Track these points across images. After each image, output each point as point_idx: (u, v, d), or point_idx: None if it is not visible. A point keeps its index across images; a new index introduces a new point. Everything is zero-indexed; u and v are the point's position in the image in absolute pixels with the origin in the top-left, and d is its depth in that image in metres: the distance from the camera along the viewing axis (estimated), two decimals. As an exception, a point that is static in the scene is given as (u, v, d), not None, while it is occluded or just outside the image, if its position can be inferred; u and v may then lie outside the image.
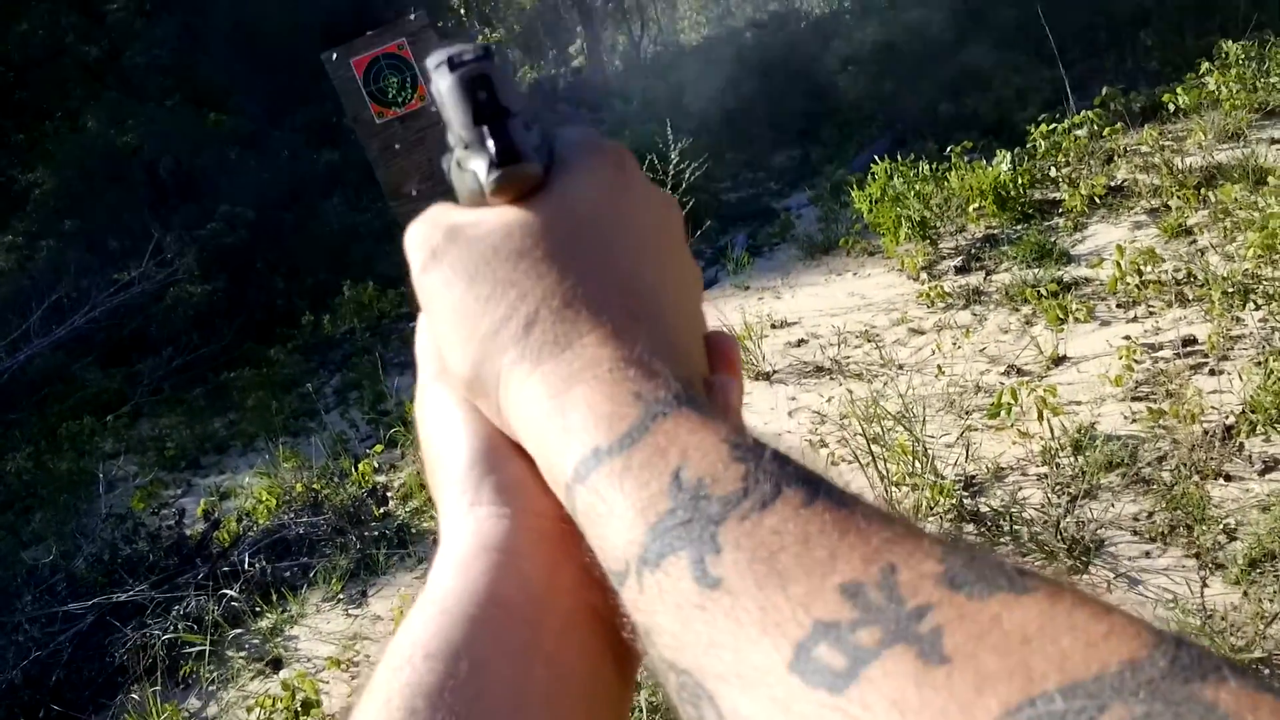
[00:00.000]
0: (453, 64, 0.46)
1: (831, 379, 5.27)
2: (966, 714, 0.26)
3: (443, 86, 0.47)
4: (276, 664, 4.46)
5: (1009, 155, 6.79)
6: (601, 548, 0.38)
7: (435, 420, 0.50)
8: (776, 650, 0.30)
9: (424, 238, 0.48)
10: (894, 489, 4.00)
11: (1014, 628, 0.27)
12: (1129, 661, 0.25)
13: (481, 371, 0.44)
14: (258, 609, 4.82)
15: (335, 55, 7.04)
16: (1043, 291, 5.28)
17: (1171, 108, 7.20)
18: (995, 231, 6.53)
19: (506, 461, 0.47)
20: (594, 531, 0.38)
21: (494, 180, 0.45)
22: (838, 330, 5.78)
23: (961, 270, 6.16)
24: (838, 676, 0.28)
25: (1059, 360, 4.74)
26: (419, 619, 0.43)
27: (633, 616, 0.36)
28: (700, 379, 0.47)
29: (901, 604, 0.29)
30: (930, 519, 3.84)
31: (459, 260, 0.46)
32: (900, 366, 5.15)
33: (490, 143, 0.45)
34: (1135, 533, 3.53)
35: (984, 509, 3.85)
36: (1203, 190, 5.89)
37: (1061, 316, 4.99)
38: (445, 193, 0.51)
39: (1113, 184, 6.53)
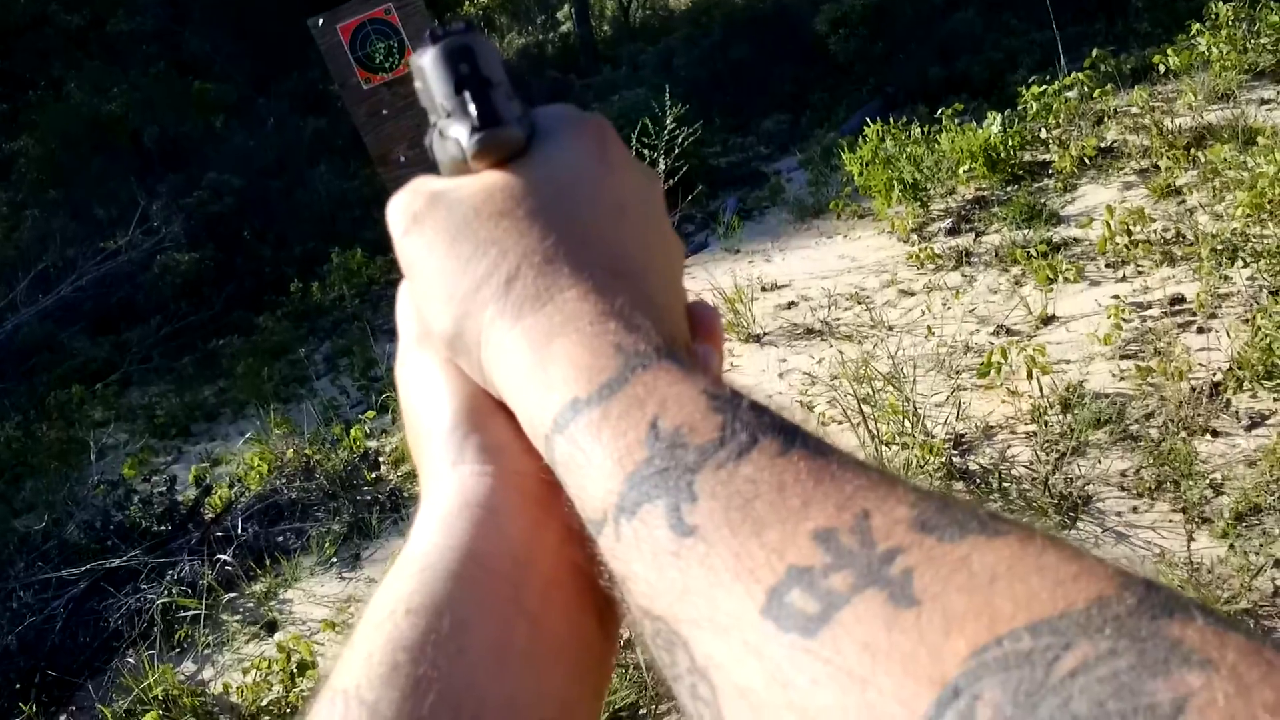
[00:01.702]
0: (434, 36, 0.47)
1: (822, 340, 5.28)
2: (935, 655, 0.26)
3: (425, 61, 0.47)
4: (271, 627, 4.48)
5: (999, 117, 6.77)
6: (580, 497, 0.38)
7: (417, 383, 0.50)
8: (749, 596, 0.30)
9: (405, 204, 0.48)
10: (884, 448, 4.02)
11: (982, 568, 0.27)
12: (1096, 599, 0.25)
13: (463, 329, 0.45)
14: (251, 573, 4.83)
15: (321, 21, 6.97)
16: (1032, 252, 5.29)
17: (1162, 69, 7.18)
18: (985, 193, 6.53)
19: (489, 421, 0.47)
20: (573, 481, 0.38)
21: (475, 143, 0.46)
22: (828, 292, 5.78)
23: (952, 232, 6.16)
24: (810, 621, 0.28)
25: (1048, 320, 4.76)
26: (401, 575, 0.43)
27: (610, 565, 0.36)
28: (683, 343, 0.46)
29: (873, 548, 0.29)
30: (920, 477, 3.86)
31: (440, 223, 0.46)
32: (890, 327, 5.16)
33: (471, 107, 0.46)
34: (1123, 488, 3.56)
35: (973, 467, 3.88)
36: (1192, 151, 5.89)
37: (1051, 277, 5.00)
38: (432, 166, 0.51)
39: (1103, 145, 6.52)
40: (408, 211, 0.47)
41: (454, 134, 0.46)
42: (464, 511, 0.44)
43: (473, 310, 0.44)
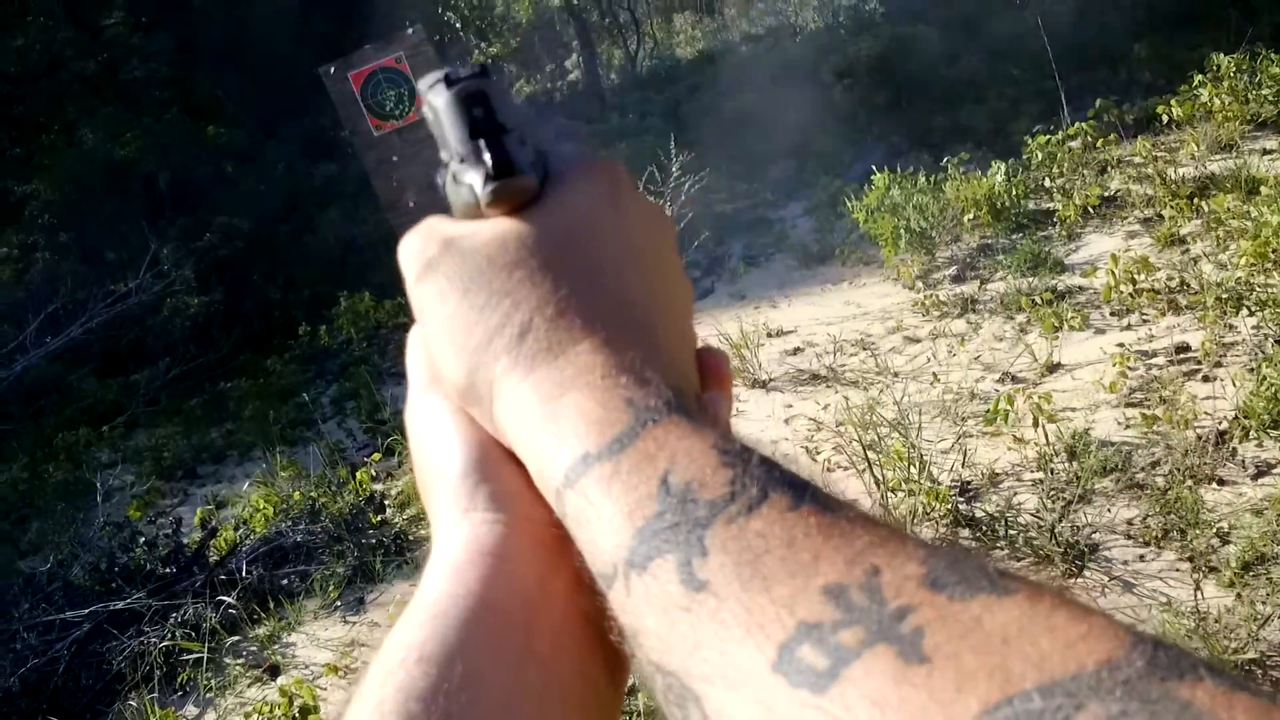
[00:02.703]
0: (449, 81, 0.47)
1: (828, 386, 5.29)
2: (946, 712, 0.26)
3: (439, 102, 0.47)
4: (274, 671, 4.46)
5: (1004, 166, 6.83)
6: (590, 551, 0.38)
7: (428, 430, 0.50)
8: (760, 651, 0.30)
9: (419, 249, 0.48)
10: (890, 495, 4.01)
11: (994, 628, 0.27)
12: (1106, 661, 0.26)
13: (475, 379, 0.45)
14: (255, 616, 4.82)
15: (333, 69, 7.09)
16: (1037, 300, 5.31)
17: (1165, 119, 7.25)
18: (990, 241, 6.57)
19: (500, 469, 0.47)
20: (583, 535, 0.38)
21: (489, 192, 0.46)
22: (833, 338, 5.81)
23: (957, 279, 6.19)
24: (820, 676, 0.28)
25: (1053, 367, 4.77)
26: (412, 622, 0.43)
27: (620, 619, 0.36)
28: (691, 391, 0.47)
29: (884, 605, 0.29)
30: (926, 524, 3.85)
31: (454, 270, 0.46)
32: (896, 374, 5.17)
33: (486, 155, 0.46)
34: (1129, 537, 3.55)
35: (979, 514, 3.87)
36: (1196, 200, 5.93)
37: (1056, 324, 5.02)
38: (442, 207, 0.51)
39: (1106, 194, 6.57)
40: (421, 257, 0.47)
41: (468, 180, 0.47)
42: (475, 560, 0.44)
43: (485, 362, 0.44)
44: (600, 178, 0.50)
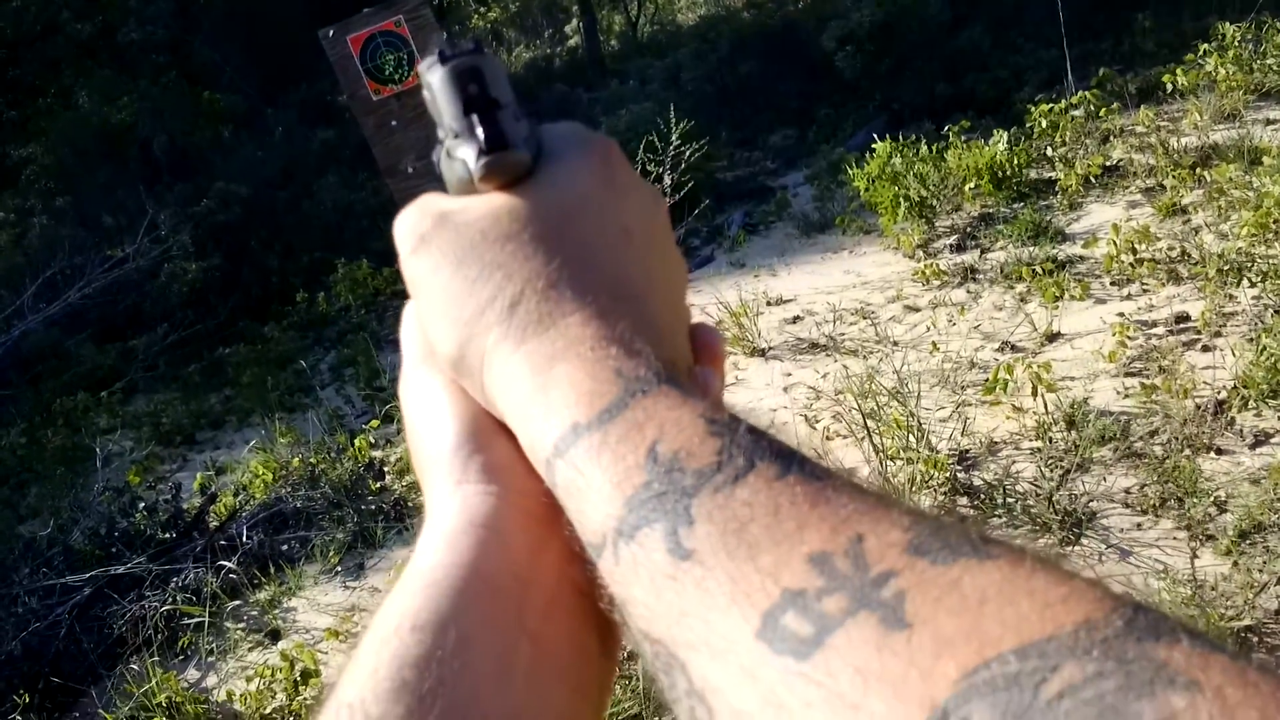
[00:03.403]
0: (444, 57, 0.47)
1: (827, 355, 5.29)
2: (926, 678, 0.26)
3: (434, 79, 0.47)
4: (275, 635, 4.48)
5: (1006, 135, 6.80)
6: (580, 521, 0.38)
7: (421, 403, 0.51)
8: (745, 619, 0.30)
9: (413, 224, 0.48)
10: (889, 463, 4.02)
11: (973, 592, 0.27)
12: (1084, 622, 0.26)
13: (467, 351, 0.45)
14: (256, 581, 4.84)
15: (332, 32, 7.01)
16: (1038, 269, 5.30)
17: (1169, 89, 7.21)
18: (991, 210, 6.55)
19: (493, 442, 0.47)
20: (573, 505, 0.39)
21: (483, 166, 0.46)
22: (833, 307, 5.80)
23: (957, 249, 6.18)
24: (803, 644, 0.29)
25: (1053, 337, 4.77)
26: (406, 591, 0.43)
27: (609, 588, 0.37)
28: (684, 364, 0.47)
29: (866, 571, 0.29)
30: (924, 492, 3.87)
31: (447, 244, 0.46)
32: (895, 343, 5.17)
33: (479, 130, 0.46)
34: (1127, 505, 3.56)
35: (977, 482, 3.88)
36: (1198, 170, 5.91)
37: (1057, 294, 5.01)
38: (440, 178, 0.52)
39: (1108, 164, 6.55)
40: (415, 231, 0.48)
41: (461, 155, 0.47)
42: (468, 530, 0.44)
43: (477, 333, 0.44)
44: (594, 155, 0.50)
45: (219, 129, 14.99)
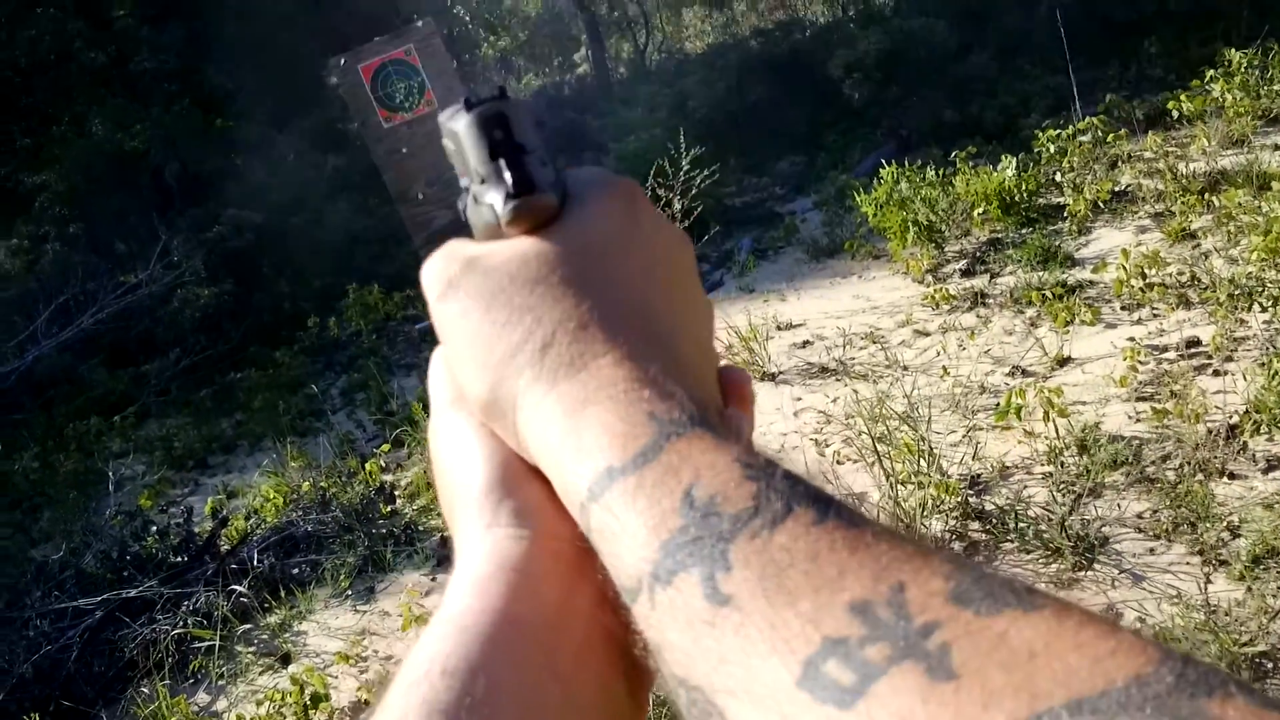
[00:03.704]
0: (469, 104, 0.48)
1: (837, 380, 5.30)
2: None
3: (459, 126, 0.48)
4: (285, 659, 4.48)
5: (1014, 160, 6.83)
6: (614, 565, 0.38)
7: (451, 446, 0.51)
8: (785, 667, 0.30)
9: (441, 269, 0.48)
10: (900, 487, 4.02)
11: (1021, 644, 0.27)
12: (1135, 677, 0.25)
13: (498, 394, 0.45)
14: (266, 605, 4.85)
15: (343, 61, 7.09)
16: (1048, 294, 5.31)
17: (1176, 114, 7.24)
18: (1000, 235, 6.57)
19: (524, 485, 0.47)
20: (607, 549, 0.38)
21: (510, 210, 0.46)
22: (843, 332, 5.81)
23: (966, 273, 6.19)
24: (845, 693, 0.28)
25: (1064, 361, 4.77)
26: (435, 635, 0.43)
27: (644, 633, 0.36)
28: (714, 406, 0.47)
29: (910, 621, 0.29)
30: (936, 517, 3.86)
31: (476, 288, 0.46)
32: (905, 367, 5.18)
33: (506, 174, 0.46)
34: (1140, 530, 3.55)
35: (989, 507, 3.88)
36: (1207, 195, 5.93)
37: (1067, 318, 5.02)
38: (462, 223, 0.52)
39: (1117, 189, 6.57)
40: (443, 277, 0.48)
41: (489, 200, 0.47)
42: (498, 574, 0.44)
43: (508, 376, 0.44)
44: (619, 197, 0.50)
45: (231, 155, 15.09)
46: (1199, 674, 0.25)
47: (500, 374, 0.44)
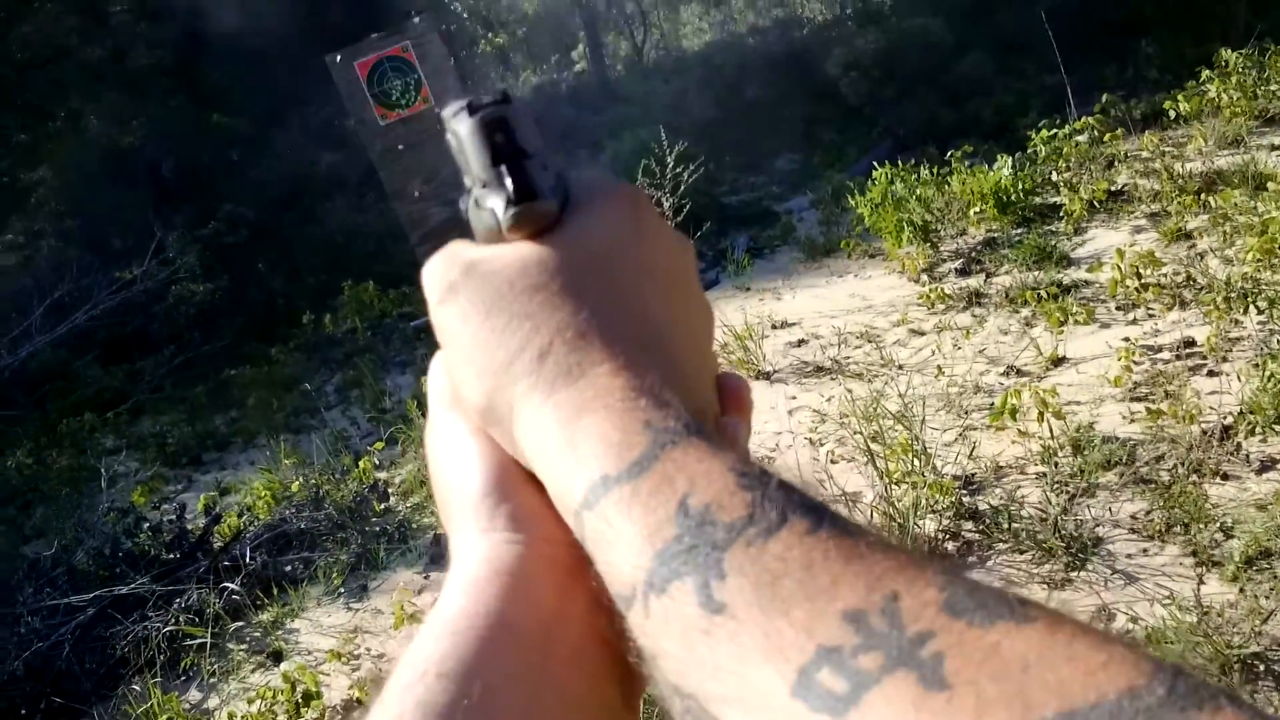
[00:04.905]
0: (472, 108, 0.48)
1: (832, 379, 5.29)
2: None
3: (462, 129, 0.48)
4: (277, 656, 4.47)
5: (1010, 160, 6.82)
6: (609, 573, 0.38)
7: (448, 450, 0.51)
8: (779, 675, 0.30)
9: (441, 273, 0.48)
10: (893, 487, 4.02)
11: (1014, 656, 0.27)
12: (1127, 690, 0.25)
13: (495, 400, 0.45)
14: (259, 602, 4.84)
15: (339, 58, 7.06)
16: (1043, 294, 5.31)
17: (1172, 114, 7.24)
18: (996, 235, 6.56)
19: (519, 490, 0.47)
20: (602, 557, 0.38)
21: (511, 216, 0.46)
22: (838, 331, 5.81)
23: (962, 273, 6.19)
24: (839, 701, 0.28)
25: (1058, 361, 4.76)
26: (430, 637, 0.43)
27: (638, 641, 0.36)
28: (711, 415, 0.47)
29: (903, 630, 0.29)
30: (929, 517, 3.86)
31: (475, 293, 0.46)
32: (900, 367, 5.17)
33: (508, 181, 0.46)
34: (1133, 531, 3.55)
35: (983, 507, 3.87)
36: (1203, 195, 5.92)
37: (1062, 318, 5.01)
38: (457, 215, 0.52)
39: (1113, 189, 6.56)
40: (443, 280, 0.48)
41: (490, 205, 0.47)
42: (493, 579, 0.44)
43: (506, 383, 0.44)
44: (620, 202, 0.50)
45: (226, 152, 15.06)
46: (1190, 686, 0.25)
47: (498, 380, 0.44)
